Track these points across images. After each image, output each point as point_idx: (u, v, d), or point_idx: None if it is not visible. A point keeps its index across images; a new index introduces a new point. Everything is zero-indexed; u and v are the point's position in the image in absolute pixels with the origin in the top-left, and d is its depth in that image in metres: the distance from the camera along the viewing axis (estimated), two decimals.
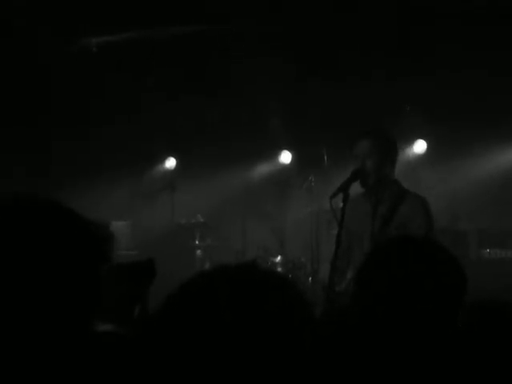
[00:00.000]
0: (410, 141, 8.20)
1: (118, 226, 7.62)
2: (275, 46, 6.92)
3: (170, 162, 8.88)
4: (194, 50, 7.10)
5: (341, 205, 3.64)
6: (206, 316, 1.08)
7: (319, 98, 7.52)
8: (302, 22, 6.67)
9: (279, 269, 6.96)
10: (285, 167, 8.62)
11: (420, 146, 8.26)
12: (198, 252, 8.05)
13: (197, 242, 8.08)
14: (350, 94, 7.41)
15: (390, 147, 3.96)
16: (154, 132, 8.18)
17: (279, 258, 7.19)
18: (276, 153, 8.64)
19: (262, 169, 8.75)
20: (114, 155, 8.13)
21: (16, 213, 1.34)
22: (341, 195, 3.69)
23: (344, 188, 3.69)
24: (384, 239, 3.65)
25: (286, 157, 8.61)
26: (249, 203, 8.38)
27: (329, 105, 7.57)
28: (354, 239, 3.91)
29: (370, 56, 6.95)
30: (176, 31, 6.84)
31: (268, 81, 7.33)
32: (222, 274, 1.12)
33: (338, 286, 3.81)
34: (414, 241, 1.64)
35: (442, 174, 7.81)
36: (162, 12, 6.46)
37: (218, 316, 1.07)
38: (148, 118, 7.97)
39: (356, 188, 3.92)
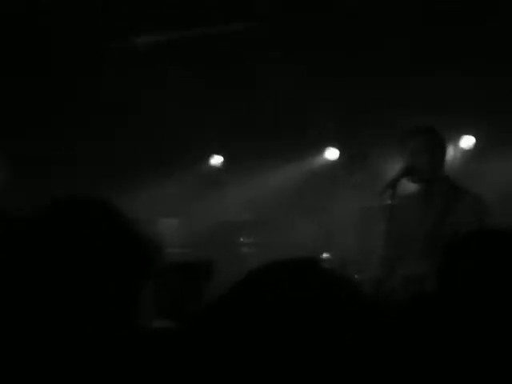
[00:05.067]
0: (459, 136, 8.06)
1: (169, 223, 7.66)
2: (321, 37, 6.87)
3: (217, 159, 8.86)
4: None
5: (389, 201, 3.64)
6: (261, 314, 1.07)
7: (367, 94, 7.46)
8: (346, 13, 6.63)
9: (326, 266, 6.92)
10: (332, 163, 8.57)
11: (468, 141, 8.11)
12: (244, 249, 8.04)
13: (242, 240, 8.07)
14: (397, 89, 7.34)
15: (444, 144, 4.03)
16: (203, 128, 8.20)
17: (326, 254, 7.16)
18: (324, 149, 8.59)
19: (310, 165, 8.71)
20: (161, 152, 8.19)
21: (65, 214, 1.37)
22: (390, 191, 3.69)
23: (393, 184, 3.70)
24: (439, 237, 3.65)
25: (333, 153, 8.57)
26: (296, 200, 8.36)
27: (377, 101, 7.50)
28: (405, 237, 3.89)
29: (416, 47, 6.88)
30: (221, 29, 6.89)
31: (316, 75, 7.30)
32: (278, 271, 1.11)
33: (387, 282, 3.81)
34: (497, 234, 1.57)
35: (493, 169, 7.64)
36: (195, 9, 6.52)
37: (274, 314, 1.06)
38: (195, 113, 7.99)
39: (405, 185, 3.92)
